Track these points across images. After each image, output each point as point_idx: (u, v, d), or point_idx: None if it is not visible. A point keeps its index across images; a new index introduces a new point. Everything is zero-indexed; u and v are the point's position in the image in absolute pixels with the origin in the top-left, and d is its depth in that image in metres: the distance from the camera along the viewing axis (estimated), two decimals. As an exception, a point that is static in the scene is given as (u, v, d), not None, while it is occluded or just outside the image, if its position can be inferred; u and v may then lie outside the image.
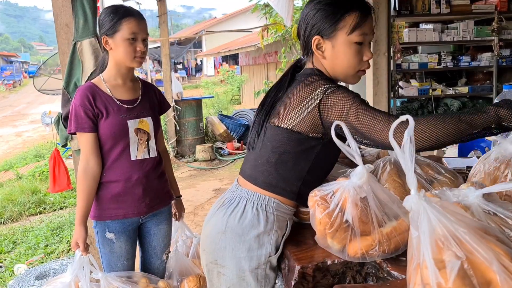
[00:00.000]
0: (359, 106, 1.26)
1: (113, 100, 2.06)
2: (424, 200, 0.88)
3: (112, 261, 2.13)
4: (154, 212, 2.21)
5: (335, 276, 1.32)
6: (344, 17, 1.35)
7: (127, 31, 1.97)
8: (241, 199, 1.45)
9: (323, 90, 1.32)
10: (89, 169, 2.02)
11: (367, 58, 1.40)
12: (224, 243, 1.43)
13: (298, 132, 1.37)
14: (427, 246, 0.84)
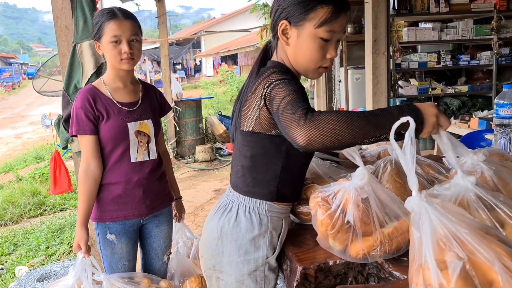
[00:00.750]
0: (289, 102, 1.17)
1: (114, 103, 2.06)
2: (426, 201, 0.88)
3: (113, 262, 2.14)
4: (155, 213, 2.21)
5: (337, 276, 1.32)
6: (315, 8, 1.27)
7: (109, 34, 1.96)
8: (234, 203, 1.44)
9: (268, 84, 1.27)
10: (90, 171, 2.03)
11: (330, 56, 1.33)
12: (220, 249, 1.43)
13: (259, 133, 1.34)
14: (429, 247, 0.84)
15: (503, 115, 2.03)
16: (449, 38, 6.23)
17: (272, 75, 1.30)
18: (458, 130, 4.69)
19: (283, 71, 1.34)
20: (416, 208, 0.89)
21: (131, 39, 2.00)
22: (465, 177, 1.06)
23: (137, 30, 2.03)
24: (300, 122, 1.08)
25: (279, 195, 1.41)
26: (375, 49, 5.87)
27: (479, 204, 1.01)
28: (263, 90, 1.29)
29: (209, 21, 37.37)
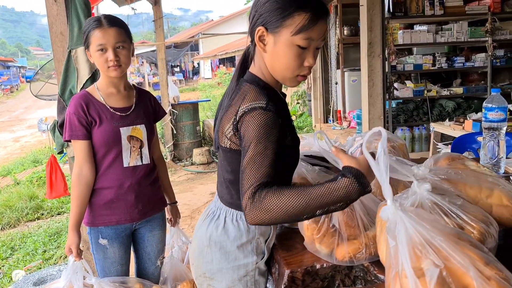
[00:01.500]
0: (248, 162, 1.17)
1: (107, 108, 2.09)
2: (400, 209, 0.90)
3: (106, 266, 2.16)
4: (148, 218, 2.24)
5: (324, 279, 1.35)
6: (292, 15, 1.22)
7: (95, 43, 1.99)
8: (221, 211, 1.46)
9: (241, 114, 1.25)
10: (82, 176, 2.05)
11: (308, 64, 1.28)
12: (210, 256, 1.44)
13: (236, 150, 1.32)
14: (406, 255, 0.86)
15: (491, 118, 2.05)
16: (444, 40, 6.26)
17: (246, 100, 1.27)
18: (452, 132, 4.72)
19: (259, 91, 1.29)
20: (391, 217, 0.91)
21: (117, 46, 2.01)
22: (420, 185, 1.08)
23: (124, 37, 2.04)
24: (248, 204, 1.12)
25: None
26: (370, 52, 5.90)
27: (436, 210, 1.04)
28: (235, 116, 1.27)
29: (207, 24, 37.40)
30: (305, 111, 10.91)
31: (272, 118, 1.22)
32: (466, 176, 1.23)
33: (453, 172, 1.24)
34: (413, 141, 6.20)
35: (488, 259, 0.85)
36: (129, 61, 2.10)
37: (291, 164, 1.42)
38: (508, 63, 6.49)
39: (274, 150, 1.19)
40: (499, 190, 1.23)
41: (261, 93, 1.28)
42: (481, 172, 1.29)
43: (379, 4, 5.76)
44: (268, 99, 1.25)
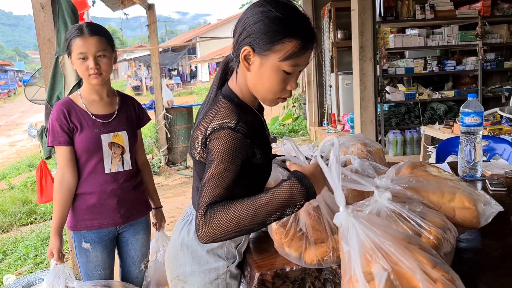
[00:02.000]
0: (208, 179, 1.20)
1: (88, 115, 2.12)
2: (353, 216, 0.93)
3: (89, 270, 2.19)
4: (131, 222, 2.26)
5: (295, 282, 1.37)
6: (283, 41, 1.21)
7: (76, 51, 2.03)
8: (193, 215, 1.48)
9: (210, 132, 1.26)
10: (64, 181, 2.09)
11: (290, 88, 1.30)
12: (183, 260, 1.47)
13: (204, 163, 1.32)
14: (357, 260, 0.89)
15: (468, 123, 2.09)
16: (435, 44, 6.31)
17: (217, 117, 1.27)
18: (442, 135, 4.75)
19: (231, 109, 1.30)
20: (344, 223, 0.95)
21: (98, 55, 2.04)
22: (381, 193, 1.11)
23: (105, 45, 2.07)
24: (199, 223, 1.15)
25: None
26: (361, 56, 5.94)
27: (394, 217, 1.07)
28: (205, 132, 1.28)
29: (205, 27, 37.47)
30: (301, 115, 10.95)
31: (238, 140, 1.23)
32: (427, 183, 1.26)
33: (414, 180, 1.27)
34: (405, 144, 6.25)
35: (436, 262, 0.89)
36: (111, 69, 2.13)
37: (260, 180, 1.43)
38: (498, 66, 6.55)
39: (235, 172, 1.21)
40: (461, 193, 1.26)
41: (233, 111, 1.29)
42: (443, 177, 1.32)
43: (370, 8, 5.80)
44: (239, 119, 1.26)
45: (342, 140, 1.98)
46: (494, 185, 1.95)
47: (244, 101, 1.36)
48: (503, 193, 1.88)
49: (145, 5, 7.62)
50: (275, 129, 11.05)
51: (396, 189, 1.21)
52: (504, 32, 6.42)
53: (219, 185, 1.18)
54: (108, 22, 72.27)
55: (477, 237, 1.46)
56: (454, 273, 0.89)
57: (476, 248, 1.39)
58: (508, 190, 1.86)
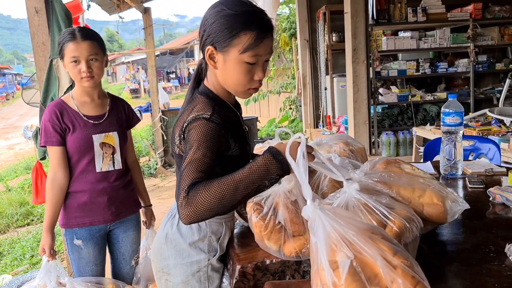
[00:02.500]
0: (187, 165, 1.26)
1: (80, 116, 2.19)
2: (319, 208, 0.99)
3: (81, 266, 2.25)
4: (121, 219, 2.33)
5: (275, 274, 1.44)
6: (239, 35, 1.30)
7: (68, 55, 2.10)
8: (176, 211, 1.55)
9: (187, 123, 1.34)
10: (56, 180, 2.15)
11: (257, 78, 1.37)
12: (167, 253, 1.53)
13: (182, 156, 1.38)
14: (323, 249, 0.95)
15: (448, 123, 2.16)
16: (427, 47, 6.39)
17: (194, 111, 1.36)
18: (432, 136, 4.81)
19: (207, 102, 1.39)
20: (311, 215, 1.01)
21: (90, 58, 2.12)
22: (349, 185, 1.17)
23: (97, 49, 2.14)
24: (182, 204, 1.18)
25: None
26: (354, 58, 6.02)
27: (361, 208, 1.13)
28: (183, 124, 1.36)
29: (202, 30, 37.43)
30: (297, 117, 11.01)
31: (213, 129, 1.31)
32: (399, 178, 1.32)
33: (386, 175, 1.33)
34: (398, 145, 6.31)
35: (396, 250, 0.95)
36: (102, 72, 2.21)
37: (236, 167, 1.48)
38: (490, 68, 6.63)
39: (212, 158, 1.28)
40: (430, 190, 1.32)
41: (209, 104, 1.38)
42: (415, 175, 1.38)
43: (363, 11, 5.89)
44: (213, 111, 1.35)
45: (326, 139, 2.05)
46: (473, 183, 2.01)
47: (219, 97, 1.46)
48: (481, 190, 1.94)
49: (141, 8, 7.69)
50: (271, 131, 11.12)
51: (368, 182, 1.27)
52: (495, 34, 6.51)
53: (197, 169, 1.24)
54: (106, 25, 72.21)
55: (449, 231, 1.52)
56: (413, 260, 0.95)
57: (448, 241, 1.46)
58: (486, 187, 1.92)
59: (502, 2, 6.49)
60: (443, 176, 2.20)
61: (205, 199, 1.17)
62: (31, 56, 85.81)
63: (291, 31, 10.30)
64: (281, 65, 11.98)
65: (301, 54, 8.84)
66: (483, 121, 4.71)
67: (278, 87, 11.52)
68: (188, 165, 1.25)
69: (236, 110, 1.53)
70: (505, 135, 4.05)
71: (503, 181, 2.00)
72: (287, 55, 11.40)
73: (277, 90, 11.51)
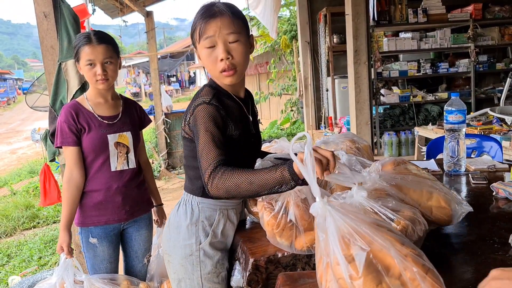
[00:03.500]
0: (203, 148, 1.39)
1: (95, 117, 2.25)
2: (329, 204, 1.04)
3: (96, 264, 2.31)
4: (135, 218, 2.40)
5: (286, 267, 1.49)
6: (194, 30, 1.52)
7: (84, 58, 2.17)
8: (182, 198, 1.70)
9: (192, 109, 1.50)
10: (72, 180, 2.21)
11: (220, 58, 1.48)
12: (168, 236, 1.68)
13: (188, 138, 1.57)
14: (336, 244, 0.99)
15: (451, 120, 2.21)
16: (428, 47, 6.43)
17: (198, 97, 1.53)
18: (434, 136, 4.86)
19: (209, 90, 1.56)
20: (320, 211, 1.04)
21: (105, 61, 2.19)
22: (359, 191, 1.21)
23: (112, 53, 2.21)
24: (209, 181, 1.32)
25: (205, 192, 1.55)
26: (356, 59, 6.07)
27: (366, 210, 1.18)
28: (189, 110, 1.52)
29: (203, 33, 37.52)
30: (299, 118, 11.07)
31: (212, 110, 1.47)
32: (410, 182, 1.37)
33: (399, 177, 1.38)
34: (400, 146, 6.36)
35: (403, 240, 1.00)
36: (116, 75, 2.28)
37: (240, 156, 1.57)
38: (491, 68, 6.68)
39: (219, 134, 1.43)
40: (437, 193, 1.37)
41: (210, 91, 1.55)
42: (421, 176, 1.43)
43: (364, 13, 5.93)
44: (213, 96, 1.52)
45: (332, 137, 2.10)
46: (476, 179, 2.06)
47: (221, 87, 1.60)
48: (484, 185, 1.99)
49: (144, 12, 7.76)
50: (273, 133, 11.17)
51: (383, 184, 1.33)
52: (495, 35, 6.55)
53: (214, 146, 1.38)
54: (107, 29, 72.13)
55: (454, 224, 1.57)
56: (418, 249, 1.00)
57: (452, 233, 1.51)
58: (489, 183, 1.97)
59: (502, 2, 6.54)
60: (446, 172, 2.25)
61: (227, 185, 1.30)
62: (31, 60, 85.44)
63: (292, 33, 10.35)
64: (282, 67, 12.03)
65: (302, 56, 8.89)
66: (484, 120, 4.75)
67: (280, 89, 11.57)
68: (203, 147, 1.39)
69: (239, 101, 1.64)
70: (506, 133, 4.10)
71: (505, 177, 2.05)
72: (288, 57, 11.44)
73: (278, 92, 11.57)
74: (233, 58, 1.49)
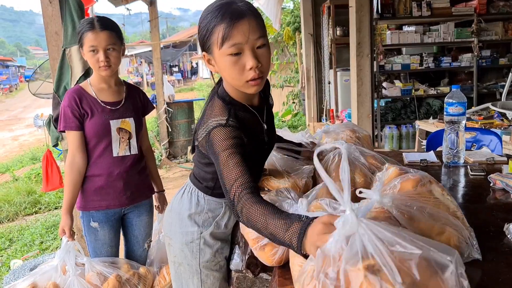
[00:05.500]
0: (222, 160, 1.29)
1: (98, 102, 2.27)
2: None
3: (97, 248, 2.35)
4: (136, 204, 2.43)
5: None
6: (212, 32, 1.32)
7: (87, 44, 2.18)
8: (186, 185, 1.71)
9: (211, 127, 1.36)
10: (75, 164, 2.24)
11: (249, 66, 1.31)
12: (170, 220, 1.71)
13: (200, 151, 1.51)
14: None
15: (451, 112, 2.23)
16: (431, 41, 6.43)
17: (212, 115, 1.39)
18: (435, 129, 4.88)
19: (223, 107, 1.40)
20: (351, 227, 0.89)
21: (108, 48, 2.20)
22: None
23: (115, 39, 2.22)
24: (234, 204, 1.20)
25: (214, 192, 1.63)
26: (359, 52, 6.07)
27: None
28: (204, 129, 1.39)
29: (206, 24, 37.38)
30: (300, 111, 11.08)
31: (230, 132, 1.33)
32: (423, 211, 1.21)
33: (414, 206, 1.21)
34: (401, 139, 6.37)
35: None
36: (119, 61, 2.29)
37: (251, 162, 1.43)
38: (493, 63, 6.67)
39: (237, 152, 1.30)
40: (450, 231, 1.24)
41: (224, 108, 1.40)
42: (443, 203, 1.30)
43: (368, 5, 5.93)
44: (229, 115, 1.37)
45: (333, 127, 2.13)
46: (474, 170, 2.08)
47: (235, 99, 1.46)
48: (482, 177, 2.01)
49: (147, 1, 7.74)
50: (275, 125, 11.18)
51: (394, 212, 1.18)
52: (499, 30, 6.55)
53: (232, 168, 1.26)
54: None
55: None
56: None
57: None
58: (487, 174, 1.99)
59: (506, -3, 6.53)
60: (445, 164, 2.28)
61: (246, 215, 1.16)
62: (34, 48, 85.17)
63: (295, 25, 10.34)
64: (285, 59, 12.01)
65: (305, 48, 8.89)
66: (485, 115, 4.77)
67: (282, 81, 11.57)
68: (224, 167, 1.28)
69: (254, 111, 1.52)
70: (507, 128, 4.12)
71: (503, 169, 2.07)
72: (291, 49, 11.43)
73: (281, 84, 11.57)
74: (262, 65, 1.34)
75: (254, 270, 1.51)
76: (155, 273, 2.46)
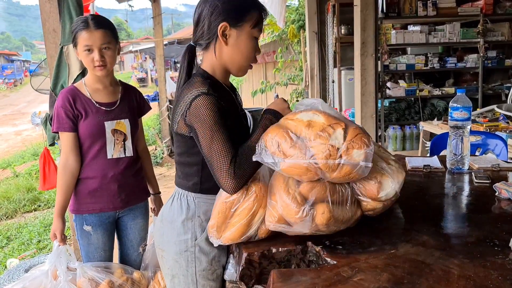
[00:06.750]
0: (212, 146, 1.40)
1: (92, 103, 2.21)
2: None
3: (90, 252, 2.29)
4: (130, 207, 2.37)
5: (281, 263, 1.46)
6: (250, 12, 1.49)
7: (81, 43, 2.12)
8: (174, 193, 1.65)
9: (192, 97, 1.44)
10: (68, 166, 2.18)
11: (258, 53, 1.56)
12: (162, 230, 1.63)
13: (180, 134, 1.53)
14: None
15: (456, 117, 2.17)
16: (437, 41, 6.34)
17: (192, 88, 1.46)
18: (440, 131, 4.81)
19: (202, 81, 1.49)
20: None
21: (103, 47, 2.13)
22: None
23: (110, 38, 2.16)
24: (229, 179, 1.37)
25: (202, 188, 1.58)
26: (363, 51, 5.99)
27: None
28: (184, 103, 1.46)
29: (211, 20, 37.26)
30: (303, 109, 10.99)
31: (212, 100, 1.43)
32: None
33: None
34: (404, 140, 6.30)
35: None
36: (114, 61, 2.23)
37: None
38: (499, 64, 6.58)
39: (224, 125, 1.42)
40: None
41: (204, 82, 1.48)
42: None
43: (373, 4, 5.85)
44: (209, 87, 1.45)
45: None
46: (479, 178, 2.02)
47: (214, 77, 1.56)
48: (486, 185, 1.95)
49: (151, -3, 7.70)
50: (278, 122, 11.10)
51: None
52: (505, 30, 6.45)
53: (223, 143, 1.39)
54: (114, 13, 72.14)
55: (454, 224, 1.55)
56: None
57: (452, 234, 1.48)
58: (492, 182, 1.93)
59: (513, -3, 6.43)
60: (449, 170, 2.21)
61: (245, 170, 1.38)
62: (39, 43, 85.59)
63: (299, 23, 10.26)
64: (289, 57, 11.94)
65: (309, 46, 8.82)
66: (490, 117, 4.69)
67: (286, 79, 11.51)
68: (213, 142, 1.40)
69: (231, 92, 1.63)
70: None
71: (509, 176, 2.00)
72: (295, 47, 11.35)
73: (285, 82, 11.50)
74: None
75: (248, 282, 1.45)
76: (150, 278, 2.41)
